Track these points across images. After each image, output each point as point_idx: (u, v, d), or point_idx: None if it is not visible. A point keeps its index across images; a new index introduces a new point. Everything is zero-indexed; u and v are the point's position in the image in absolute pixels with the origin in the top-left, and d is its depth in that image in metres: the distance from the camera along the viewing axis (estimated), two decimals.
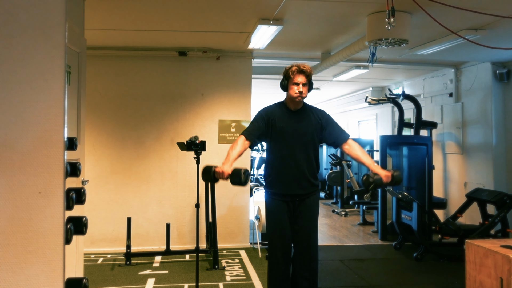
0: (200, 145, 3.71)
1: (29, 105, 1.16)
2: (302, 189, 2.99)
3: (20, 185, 1.15)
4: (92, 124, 5.23)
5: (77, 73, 3.02)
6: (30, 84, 1.17)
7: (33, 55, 1.17)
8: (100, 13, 3.98)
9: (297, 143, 2.98)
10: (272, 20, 4.10)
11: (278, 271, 2.99)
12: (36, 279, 1.15)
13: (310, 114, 3.05)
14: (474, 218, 5.66)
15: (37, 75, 1.17)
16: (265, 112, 3.05)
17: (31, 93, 1.17)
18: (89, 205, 3.41)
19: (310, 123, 3.02)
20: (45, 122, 1.17)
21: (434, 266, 4.83)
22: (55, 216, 1.16)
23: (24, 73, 1.17)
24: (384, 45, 3.99)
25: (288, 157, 2.97)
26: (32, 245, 1.15)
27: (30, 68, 1.17)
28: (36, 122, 1.16)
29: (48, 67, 1.17)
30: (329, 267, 4.73)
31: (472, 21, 4.10)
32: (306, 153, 2.99)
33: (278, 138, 2.99)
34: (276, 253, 3.00)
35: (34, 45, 1.17)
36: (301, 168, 2.97)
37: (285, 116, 3.01)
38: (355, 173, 9.21)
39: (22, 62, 1.17)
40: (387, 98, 6.45)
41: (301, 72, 2.93)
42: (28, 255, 1.15)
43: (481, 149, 6.12)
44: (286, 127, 2.98)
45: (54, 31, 1.18)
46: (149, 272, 4.53)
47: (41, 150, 1.16)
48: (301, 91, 2.93)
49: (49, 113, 1.17)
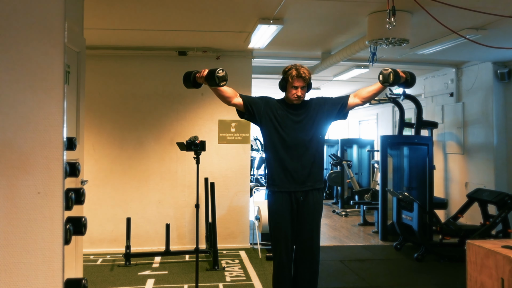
0: (200, 145, 3.71)
1: (28, 105, 1.16)
2: (306, 187, 2.98)
3: (19, 185, 1.15)
4: (91, 124, 5.23)
5: (76, 73, 3.01)
6: (29, 83, 1.17)
7: (32, 55, 1.17)
8: (100, 12, 3.98)
9: (299, 141, 2.97)
10: (272, 20, 4.10)
11: (284, 271, 2.99)
12: (35, 279, 1.15)
13: (309, 108, 3.05)
14: (475, 218, 5.66)
15: (36, 75, 1.17)
16: (267, 99, 3.08)
17: (30, 93, 1.17)
18: (88, 205, 3.41)
19: (310, 117, 3.01)
20: (44, 122, 1.17)
21: (435, 267, 4.83)
22: (54, 216, 1.16)
23: (23, 72, 1.17)
24: (385, 44, 3.99)
25: (290, 155, 2.96)
26: (31, 245, 1.15)
27: (29, 67, 1.17)
28: (35, 122, 1.16)
29: (47, 66, 1.17)
30: (329, 268, 4.73)
31: (473, 21, 4.10)
32: (308, 150, 2.98)
33: (278, 135, 2.98)
34: (281, 253, 2.98)
35: (33, 45, 1.17)
36: (305, 165, 2.96)
37: (285, 112, 3.01)
38: (356, 173, 9.22)
39: (21, 62, 1.17)
40: (388, 98, 6.45)
41: (299, 77, 2.94)
42: (27, 256, 1.15)
43: (482, 149, 6.12)
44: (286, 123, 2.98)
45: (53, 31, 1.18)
46: (149, 272, 4.53)
47: (40, 150, 1.16)
48: (300, 95, 2.96)
49: (48, 113, 1.17)
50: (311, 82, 3.03)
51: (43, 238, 1.15)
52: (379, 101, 6.74)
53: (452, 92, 6.66)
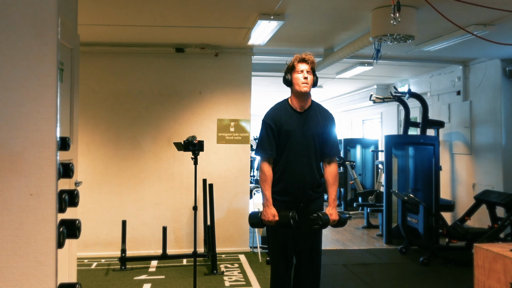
0: (198, 145, 3.71)
1: (20, 103, 1.16)
2: (306, 195, 2.98)
3: (11, 186, 1.15)
4: (85, 123, 5.23)
5: (70, 70, 3.01)
6: (21, 81, 1.17)
7: (23, 52, 1.17)
8: (94, 7, 3.98)
9: (304, 148, 2.95)
10: (272, 15, 4.10)
11: (281, 279, 2.99)
12: (27, 284, 1.15)
13: (318, 114, 3.01)
14: (482, 221, 5.66)
15: (28, 73, 1.17)
16: (270, 119, 2.99)
17: (22, 91, 1.16)
18: (82, 207, 3.41)
19: (317, 124, 2.99)
20: (37, 121, 1.16)
21: (441, 271, 4.83)
22: (47, 219, 1.16)
23: (14, 70, 1.17)
24: (389, 41, 4.00)
25: (294, 163, 2.95)
26: (23, 249, 1.15)
27: (21, 65, 1.17)
28: (27, 121, 1.16)
29: (40, 64, 1.17)
30: (332, 272, 4.73)
31: (481, 16, 4.10)
32: (311, 158, 2.97)
33: (284, 143, 2.96)
34: (278, 260, 2.99)
35: (24, 41, 1.17)
36: (306, 174, 2.96)
37: (291, 118, 2.97)
38: (359, 174, 9.22)
39: (12, 59, 1.17)
40: (393, 96, 6.45)
41: (303, 60, 2.93)
42: (19, 260, 1.15)
43: (490, 149, 6.12)
44: (292, 131, 2.94)
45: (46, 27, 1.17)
46: (145, 277, 4.53)
47: (32, 150, 1.16)
48: (306, 77, 2.90)
49: (41, 111, 1.17)
50: (317, 76, 3.00)
51: (35, 242, 1.15)
52: (384, 100, 6.74)
53: (459, 90, 6.66)
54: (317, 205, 3.03)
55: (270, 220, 2.87)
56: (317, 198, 3.04)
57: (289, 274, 3.03)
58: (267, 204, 2.90)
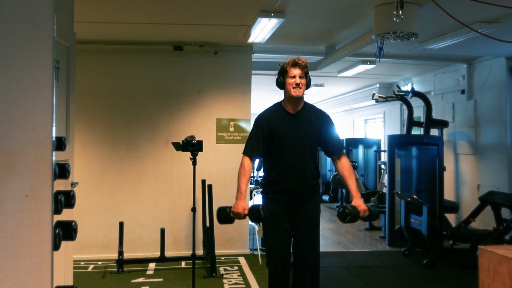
0: (197, 145, 3.71)
1: (15, 102, 1.16)
2: (302, 196, 3.01)
3: (6, 187, 1.15)
4: (82, 123, 5.23)
5: (66, 69, 3.01)
6: (16, 80, 1.17)
7: (19, 50, 1.17)
8: (91, 4, 3.98)
9: (297, 149, 2.99)
10: (273, 12, 4.10)
11: (278, 280, 3.00)
12: (23, 287, 1.15)
13: (311, 115, 3.05)
14: (487, 222, 5.66)
15: (24, 71, 1.17)
16: (263, 120, 3.04)
17: (17, 90, 1.17)
18: (78, 209, 3.41)
19: (310, 126, 3.02)
20: (32, 121, 1.17)
21: (445, 274, 4.83)
22: (42, 220, 1.16)
23: (9, 68, 1.17)
24: (392, 39, 4.00)
25: (288, 165, 2.98)
26: (18, 251, 1.15)
27: (16, 63, 1.17)
28: (22, 121, 1.16)
29: (36, 62, 1.17)
30: (334, 275, 4.73)
31: (486, 14, 4.10)
32: (306, 159, 3.01)
33: (279, 145, 3.00)
34: (275, 261, 3.01)
35: (20, 39, 1.17)
36: (301, 175, 2.99)
37: (284, 120, 3.01)
38: (361, 174, 9.22)
39: (8, 57, 1.17)
40: (395, 95, 6.45)
41: (295, 64, 2.95)
42: (14, 262, 1.15)
43: (495, 150, 6.12)
44: (285, 133, 2.98)
45: (42, 24, 1.17)
46: (143, 280, 4.53)
47: (28, 151, 1.16)
48: (298, 82, 2.93)
49: (37, 111, 1.17)
50: (309, 76, 3.03)
51: (31, 244, 1.15)
52: (386, 99, 6.74)
53: (463, 89, 6.66)
54: (313, 204, 3.06)
55: (239, 213, 2.87)
56: (314, 197, 3.06)
57: (286, 271, 3.02)
58: (239, 198, 2.93)
